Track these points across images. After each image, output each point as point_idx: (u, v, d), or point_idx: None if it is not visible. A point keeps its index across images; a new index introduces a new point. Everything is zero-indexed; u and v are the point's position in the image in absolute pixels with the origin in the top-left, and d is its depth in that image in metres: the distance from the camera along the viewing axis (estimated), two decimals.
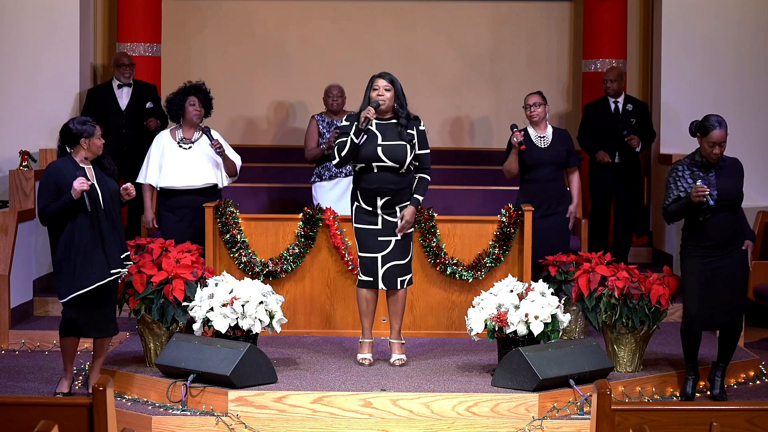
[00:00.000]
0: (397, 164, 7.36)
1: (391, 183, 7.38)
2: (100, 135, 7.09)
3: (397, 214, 7.42)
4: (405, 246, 7.46)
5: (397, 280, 7.46)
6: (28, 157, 9.49)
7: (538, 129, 8.53)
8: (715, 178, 7.11)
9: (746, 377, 7.90)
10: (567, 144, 8.57)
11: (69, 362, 7.25)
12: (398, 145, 7.36)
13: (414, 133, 7.42)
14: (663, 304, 7.44)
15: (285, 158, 11.09)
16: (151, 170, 8.51)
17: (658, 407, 4.89)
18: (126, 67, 10.23)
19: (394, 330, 7.56)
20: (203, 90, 8.55)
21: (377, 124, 7.41)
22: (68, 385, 7.27)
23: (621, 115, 10.16)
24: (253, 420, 6.77)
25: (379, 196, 7.41)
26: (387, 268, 7.44)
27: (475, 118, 11.73)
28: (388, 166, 7.37)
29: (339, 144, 7.41)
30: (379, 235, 7.43)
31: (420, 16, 11.75)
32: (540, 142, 8.50)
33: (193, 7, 11.71)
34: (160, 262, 7.49)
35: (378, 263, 7.44)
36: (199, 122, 8.54)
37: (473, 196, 10.10)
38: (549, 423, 6.75)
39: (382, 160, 7.36)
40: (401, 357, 7.54)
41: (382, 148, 7.36)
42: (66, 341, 7.19)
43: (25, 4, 10.46)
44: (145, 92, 10.25)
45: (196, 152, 8.49)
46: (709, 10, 10.70)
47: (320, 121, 9.46)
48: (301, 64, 11.67)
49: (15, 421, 4.69)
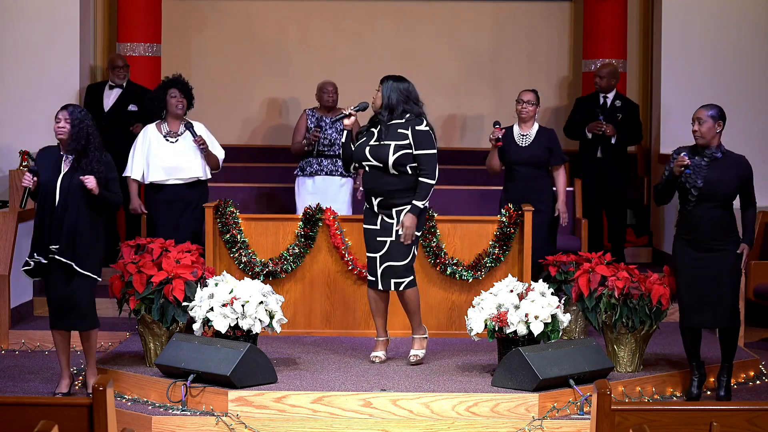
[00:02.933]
0: (380, 164, 7.35)
1: (382, 183, 7.37)
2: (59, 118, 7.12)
3: (393, 215, 7.41)
4: (400, 248, 7.40)
5: (391, 281, 7.43)
6: (28, 157, 9.49)
7: (523, 127, 8.54)
8: (707, 166, 7.12)
9: (746, 377, 7.90)
10: (550, 143, 8.56)
11: (63, 359, 7.27)
12: (382, 145, 7.36)
13: (408, 132, 7.36)
14: (663, 304, 7.44)
15: (285, 158, 11.08)
16: (136, 164, 8.60)
17: (658, 407, 4.88)
18: (119, 69, 10.23)
19: (413, 327, 7.60)
20: (182, 82, 8.60)
21: (377, 125, 7.45)
22: (67, 385, 7.28)
23: (608, 109, 10.19)
24: (253, 420, 6.76)
25: (373, 196, 7.43)
26: (383, 269, 7.44)
27: (475, 118, 11.74)
28: (375, 165, 7.38)
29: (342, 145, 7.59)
30: (377, 235, 7.44)
31: (420, 16, 11.75)
32: (521, 140, 8.52)
33: (193, 7, 11.71)
34: (160, 262, 7.49)
35: (377, 263, 7.45)
36: (183, 114, 8.55)
37: (473, 196, 10.10)
38: (549, 423, 6.75)
39: (369, 159, 7.38)
40: (416, 353, 7.56)
41: (369, 148, 7.39)
42: (53, 333, 7.29)
43: (25, 4, 10.47)
44: (134, 96, 10.21)
45: (182, 146, 8.52)
46: (709, 10, 10.71)
47: (310, 116, 9.48)
48: (301, 64, 11.67)
49: (15, 421, 4.69)
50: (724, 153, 7.20)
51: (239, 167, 10.89)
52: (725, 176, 7.13)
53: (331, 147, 9.30)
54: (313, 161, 9.35)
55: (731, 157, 7.22)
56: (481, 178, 10.62)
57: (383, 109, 7.39)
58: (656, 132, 10.86)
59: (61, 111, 7.17)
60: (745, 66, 10.68)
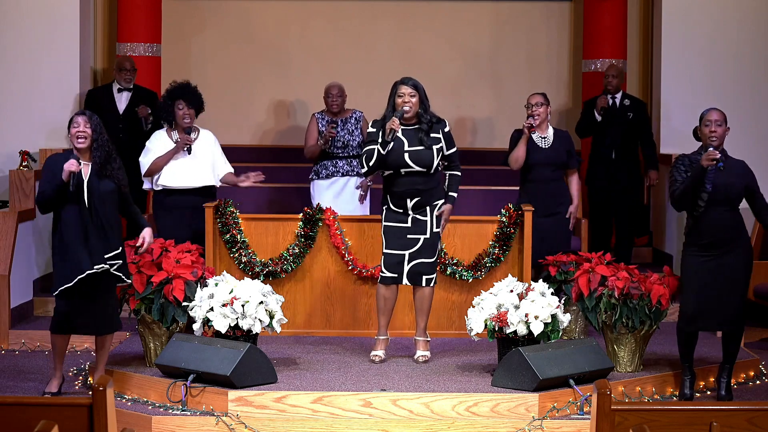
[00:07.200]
0: (424, 168, 7.49)
1: (420, 185, 7.53)
2: (78, 122, 7.05)
3: (427, 212, 7.55)
4: (432, 246, 7.57)
5: (423, 277, 7.56)
6: (28, 157, 9.50)
7: (539, 130, 8.52)
8: (713, 172, 7.12)
9: (746, 377, 7.90)
10: (567, 145, 8.57)
11: (59, 361, 7.25)
12: (424, 150, 7.47)
13: (440, 136, 7.56)
14: (663, 304, 7.44)
15: (285, 158, 11.09)
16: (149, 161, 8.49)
17: (658, 407, 4.88)
18: (128, 72, 10.24)
19: (419, 328, 7.65)
20: (189, 91, 8.53)
21: (403, 130, 7.50)
22: (57, 385, 7.26)
23: (618, 109, 10.19)
24: (253, 420, 6.77)
25: (409, 198, 7.54)
26: (413, 266, 7.54)
27: (475, 118, 11.74)
28: (416, 170, 7.48)
29: (367, 153, 7.52)
30: (408, 233, 7.55)
31: (420, 16, 11.75)
32: (542, 142, 8.50)
33: (193, 7, 11.71)
34: (160, 262, 7.49)
35: (405, 260, 7.53)
36: (191, 123, 8.52)
37: (473, 196, 10.11)
38: (549, 423, 6.75)
39: (410, 166, 7.48)
40: (425, 354, 7.63)
41: (409, 154, 7.48)
42: (56, 338, 7.20)
43: (25, 4, 10.46)
44: (144, 98, 10.24)
45: (194, 153, 8.49)
46: (709, 10, 10.70)
47: (320, 120, 9.46)
48: (301, 64, 11.67)
49: (15, 421, 4.69)
50: (728, 158, 7.22)
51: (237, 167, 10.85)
52: (732, 180, 7.14)
53: (344, 149, 9.29)
54: (328, 164, 9.31)
55: (733, 162, 7.24)
56: (482, 178, 10.62)
57: (422, 114, 7.53)
58: (656, 133, 10.85)
59: (79, 116, 7.09)
60: (745, 66, 10.67)
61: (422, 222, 7.55)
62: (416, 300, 7.65)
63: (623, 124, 10.13)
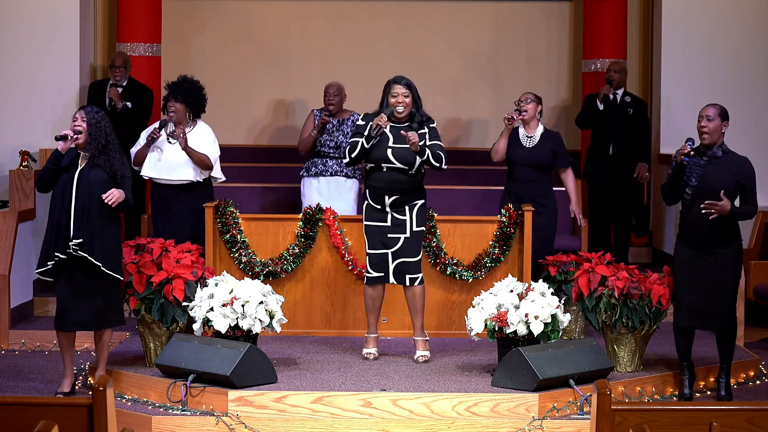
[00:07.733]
0: (406, 166, 7.47)
1: (400, 183, 7.51)
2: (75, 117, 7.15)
3: (405, 211, 7.54)
4: (415, 245, 7.56)
5: (407, 277, 7.56)
6: (28, 157, 9.49)
7: (527, 128, 8.52)
8: (704, 165, 7.12)
9: (746, 377, 7.90)
10: (555, 146, 8.53)
11: (67, 359, 7.25)
12: (408, 149, 7.46)
13: (425, 131, 7.54)
14: (663, 304, 7.44)
15: (285, 158, 11.08)
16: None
17: (658, 407, 4.89)
18: (117, 68, 10.19)
19: (417, 327, 7.66)
20: (184, 88, 8.54)
21: (391, 126, 7.51)
22: (69, 384, 7.27)
23: (618, 104, 10.19)
24: (253, 420, 6.77)
25: (387, 194, 7.51)
26: (397, 264, 7.55)
27: (475, 118, 11.74)
28: (397, 167, 7.46)
29: (351, 144, 7.56)
30: (388, 232, 7.54)
31: (420, 16, 11.75)
32: (526, 141, 8.50)
33: (193, 7, 11.71)
34: (160, 262, 7.49)
35: (389, 258, 7.53)
36: (176, 117, 8.50)
37: (473, 196, 10.10)
38: (549, 423, 6.75)
39: (392, 162, 7.46)
40: (424, 354, 7.63)
41: (392, 150, 7.48)
42: (59, 334, 7.24)
43: (25, 4, 10.46)
44: (135, 94, 10.19)
45: (177, 146, 8.46)
46: (709, 10, 10.71)
47: (317, 117, 9.46)
48: (301, 64, 11.67)
49: (15, 421, 4.69)
50: (726, 152, 7.20)
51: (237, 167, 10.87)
52: (721, 175, 7.12)
53: (336, 149, 9.28)
54: (318, 162, 9.32)
55: (733, 157, 7.21)
56: (482, 178, 10.62)
57: (415, 113, 7.54)
58: (657, 132, 10.85)
59: (78, 111, 7.21)
60: (745, 66, 10.67)
61: (401, 221, 7.54)
62: (408, 300, 7.66)
63: (623, 120, 10.14)
